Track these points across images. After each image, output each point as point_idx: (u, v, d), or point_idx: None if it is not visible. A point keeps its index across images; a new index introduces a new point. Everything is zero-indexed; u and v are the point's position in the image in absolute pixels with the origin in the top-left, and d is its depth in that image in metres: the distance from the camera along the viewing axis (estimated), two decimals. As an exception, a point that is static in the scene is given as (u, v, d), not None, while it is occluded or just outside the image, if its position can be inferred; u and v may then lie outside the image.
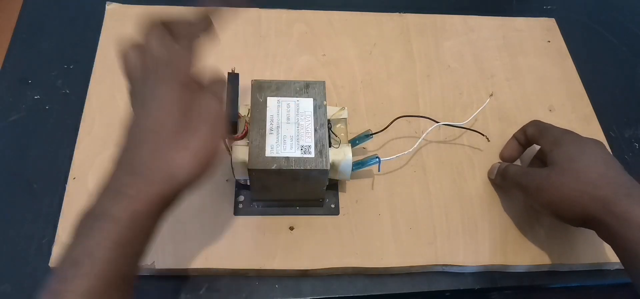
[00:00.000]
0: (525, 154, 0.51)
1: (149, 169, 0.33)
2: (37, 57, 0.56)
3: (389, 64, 0.58)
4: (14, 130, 0.50)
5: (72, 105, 0.52)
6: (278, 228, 0.45)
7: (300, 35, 0.59)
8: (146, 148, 0.33)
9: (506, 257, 0.46)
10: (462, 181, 0.50)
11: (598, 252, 0.47)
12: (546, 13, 0.65)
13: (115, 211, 0.31)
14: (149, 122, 0.33)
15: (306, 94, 0.45)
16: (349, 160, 0.44)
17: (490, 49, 0.60)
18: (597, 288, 0.48)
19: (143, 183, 0.32)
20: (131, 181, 0.32)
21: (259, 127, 0.43)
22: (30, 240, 0.44)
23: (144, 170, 0.33)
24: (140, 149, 0.33)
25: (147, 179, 0.32)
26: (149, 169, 0.33)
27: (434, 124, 0.50)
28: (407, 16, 0.62)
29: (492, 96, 0.55)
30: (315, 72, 0.56)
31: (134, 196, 0.32)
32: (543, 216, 0.48)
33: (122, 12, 0.59)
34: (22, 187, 0.47)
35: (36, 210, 0.46)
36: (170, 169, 0.33)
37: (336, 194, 0.47)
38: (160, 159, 0.33)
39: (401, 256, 0.45)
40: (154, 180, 0.33)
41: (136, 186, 0.32)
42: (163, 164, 0.33)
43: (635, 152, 0.55)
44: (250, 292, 0.43)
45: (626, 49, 0.64)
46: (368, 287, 0.44)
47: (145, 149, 0.33)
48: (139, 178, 0.32)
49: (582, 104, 0.57)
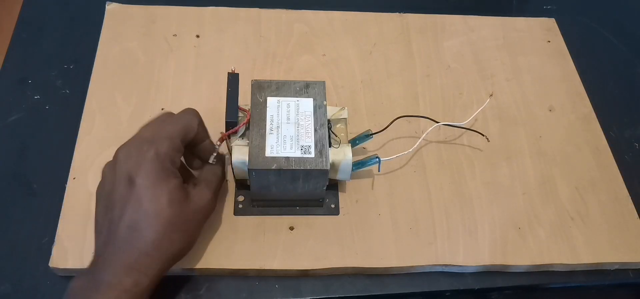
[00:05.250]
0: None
1: (154, 249, 0.36)
2: (37, 57, 0.56)
3: (389, 64, 0.58)
4: (14, 130, 0.50)
5: (72, 105, 0.52)
6: (278, 228, 0.45)
7: (300, 35, 0.59)
8: (149, 230, 0.36)
9: (506, 257, 0.46)
10: (462, 181, 0.50)
11: (598, 252, 0.47)
12: (546, 13, 0.65)
13: (127, 284, 0.35)
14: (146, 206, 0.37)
15: (306, 94, 0.45)
16: (349, 160, 0.44)
17: (490, 49, 0.60)
18: (597, 288, 0.47)
19: (149, 260, 0.36)
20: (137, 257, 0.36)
21: (259, 127, 0.43)
22: (30, 240, 0.44)
23: (149, 250, 0.36)
24: (142, 230, 0.36)
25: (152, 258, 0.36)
26: (153, 249, 0.36)
27: (434, 124, 0.50)
28: (407, 16, 0.62)
29: (492, 96, 0.55)
30: (315, 72, 0.56)
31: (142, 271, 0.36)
32: (543, 216, 0.48)
33: (122, 12, 0.59)
34: (22, 187, 0.47)
35: (36, 210, 0.46)
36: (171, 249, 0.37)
37: (336, 194, 0.47)
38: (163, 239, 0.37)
39: (401, 256, 0.45)
40: (158, 258, 0.37)
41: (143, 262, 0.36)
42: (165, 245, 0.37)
43: (635, 152, 0.55)
44: (250, 292, 0.43)
45: (626, 49, 0.64)
46: (368, 287, 0.44)
47: (148, 231, 0.36)
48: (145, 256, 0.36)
49: (582, 104, 0.57)
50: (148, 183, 0.36)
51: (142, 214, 0.36)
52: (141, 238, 0.36)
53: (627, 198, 0.50)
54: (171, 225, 0.37)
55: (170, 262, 0.38)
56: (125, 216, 0.36)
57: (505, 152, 0.52)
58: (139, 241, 0.36)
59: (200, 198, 0.40)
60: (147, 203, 0.36)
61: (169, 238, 0.37)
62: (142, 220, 0.36)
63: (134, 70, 0.54)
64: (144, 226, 0.36)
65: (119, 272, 0.35)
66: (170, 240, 0.37)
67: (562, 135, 0.54)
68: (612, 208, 0.49)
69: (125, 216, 0.36)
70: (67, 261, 0.42)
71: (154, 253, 0.36)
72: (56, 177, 0.47)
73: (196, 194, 0.39)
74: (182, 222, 0.38)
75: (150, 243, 0.36)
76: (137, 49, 0.56)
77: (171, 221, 0.37)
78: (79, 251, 0.42)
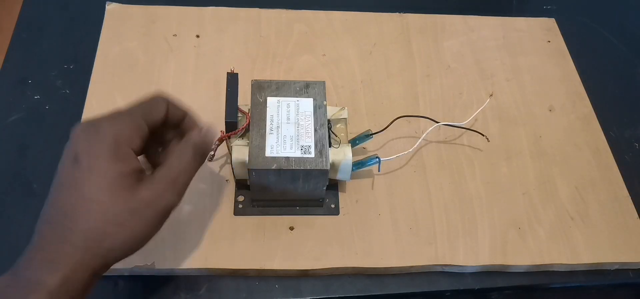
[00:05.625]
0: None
1: (84, 241, 0.31)
2: (37, 57, 0.56)
3: (389, 64, 0.58)
4: (14, 130, 0.50)
5: (72, 105, 0.52)
6: (278, 228, 0.45)
7: (300, 35, 0.59)
8: (82, 218, 0.31)
9: (506, 257, 0.46)
10: (462, 181, 0.50)
11: (598, 252, 0.47)
12: (546, 13, 0.65)
13: (51, 284, 0.30)
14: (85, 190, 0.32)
15: (306, 94, 0.45)
16: (349, 160, 0.44)
17: (490, 49, 0.60)
18: (597, 288, 0.47)
19: (79, 255, 0.31)
20: (65, 250, 0.31)
21: (259, 127, 0.43)
22: (30, 240, 0.44)
23: (79, 242, 0.31)
24: (75, 218, 0.31)
25: (83, 252, 0.31)
26: (84, 241, 0.31)
27: (434, 124, 0.50)
28: (407, 16, 0.62)
29: (492, 96, 0.55)
30: (315, 72, 0.56)
31: (69, 267, 0.31)
32: (543, 216, 0.48)
33: (122, 12, 0.59)
34: (22, 187, 0.47)
35: (36, 210, 0.45)
36: (105, 243, 0.32)
37: (336, 194, 0.47)
38: (96, 231, 0.32)
39: (401, 256, 0.45)
40: (90, 253, 0.31)
41: (72, 257, 0.31)
42: (99, 238, 0.32)
43: (635, 152, 0.55)
44: (250, 292, 0.43)
45: (626, 49, 0.64)
46: (368, 287, 0.44)
47: (81, 220, 0.31)
48: (74, 250, 0.31)
49: (582, 104, 0.57)
50: (92, 164, 0.32)
51: (78, 198, 0.32)
52: (72, 227, 0.31)
53: (627, 198, 0.50)
54: (110, 216, 0.32)
55: (108, 260, 0.33)
56: (61, 198, 0.32)
57: (505, 152, 0.52)
58: (69, 230, 0.31)
59: (153, 190, 0.33)
60: (86, 187, 0.32)
61: (104, 231, 0.32)
62: (77, 206, 0.31)
63: (134, 70, 0.54)
64: (78, 213, 0.31)
65: (42, 268, 0.30)
66: (107, 234, 0.32)
67: (562, 135, 0.54)
68: (612, 208, 0.49)
69: (61, 198, 0.32)
70: (67, 261, 0.42)
71: (85, 247, 0.31)
72: (56, 177, 0.47)
73: (149, 185, 0.34)
74: (124, 215, 0.32)
75: (81, 234, 0.31)
76: (137, 49, 0.56)
77: (110, 211, 0.32)
78: (79, 251, 0.42)
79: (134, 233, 0.33)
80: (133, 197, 0.33)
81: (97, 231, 0.31)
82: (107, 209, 0.32)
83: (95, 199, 0.32)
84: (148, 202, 0.33)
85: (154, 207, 0.34)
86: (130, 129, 0.34)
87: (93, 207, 0.31)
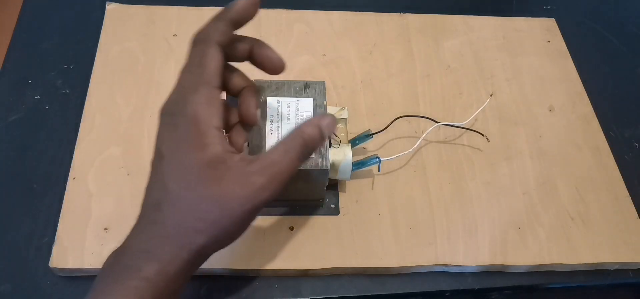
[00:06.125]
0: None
1: (176, 236, 0.31)
2: (37, 57, 0.56)
3: (389, 64, 0.58)
4: (14, 130, 0.50)
5: (72, 105, 0.52)
6: (278, 228, 0.45)
7: (300, 35, 0.59)
8: (170, 214, 0.31)
9: (506, 257, 0.46)
10: (462, 181, 0.50)
11: (598, 252, 0.47)
12: (546, 13, 0.65)
13: (148, 272, 0.30)
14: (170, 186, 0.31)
15: (306, 94, 0.45)
16: (349, 160, 0.44)
17: (490, 49, 0.60)
18: (597, 288, 0.48)
19: (172, 248, 0.31)
20: (159, 243, 0.31)
21: (259, 127, 0.43)
22: (30, 240, 0.44)
23: (171, 236, 0.31)
24: (165, 212, 0.31)
25: (176, 246, 0.31)
26: (176, 236, 0.31)
27: (434, 124, 0.50)
28: (407, 16, 0.62)
29: (492, 96, 0.55)
30: (315, 72, 0.56)
31: (165, 258, 0.31)
32: (543, 216, 0.48)
33: (122, 12, 0.59)
34: (22, 187, 0.47)
35: (36, 210, 0.46)
36: (197, 239, 0.31)
37: (336, 194, 0.47)
38: (185, 226, 0.31)
39: (401, 256, 0.45)
40: (183, 247, 0.31)
41: (165, 249, 0.31)
42: (189, 234, 0.31)
43: (635, 152, 0.55)
44: (250, 292, 0.43)
45: (626, 49, 0.64)
46: (368, 287, 0.44)
47: (169, 215, 0.31)
48: (167, 242, 0.31)
49: (582, 104, 0.57)
50: (172, 157, 0.31)
51: (165, 194, 0.31)
52: (162, 220, 0.31)
53: (627, 198, 0.50)
54: (198, 214, 0.31)
55: (199, 256, 0.32)
56: (153, 193, 0.32)
57: (505, 152, 0.52)
58: (160, 223, 0.31)
59: (249, 187, 0.31)
60: (170, 182, 0.31)
61: (194, 228, 0.31)
62: (165, 200, 0.31)
63: (133, 70, 0.54)
64: (166, 206, 0.31)
65: (138, 256, 0.30)
66: (196, 230, 0.31)
67: (562, 135, 0.54)
68: (612, 208, 0.49)
69: (153, 193, 0.32)
70: (67, 261, 0.42)
71: (174, 240, 0.31)
72: (56, 177, 0.47)
73: (245, 179, 0.31)
74: (214, 213, 0.31)
75: (170, 227, 0.31)
76: (137, 49, 0.56)
77: (197, 208, 0.31)
78: (79, 251, 0.42)
79: (223, 230, 0.32)
80: (221, 192, 0.31)
81: (186, 226, 0.31)
82: (194, 205, 0.31)
83: (181, 195, 0.31)
84: (241, 199, 0.31)
85: (248, 205, 0.31)
86: (207, 104, 0.32)
87: (180, 203, 0.31)
